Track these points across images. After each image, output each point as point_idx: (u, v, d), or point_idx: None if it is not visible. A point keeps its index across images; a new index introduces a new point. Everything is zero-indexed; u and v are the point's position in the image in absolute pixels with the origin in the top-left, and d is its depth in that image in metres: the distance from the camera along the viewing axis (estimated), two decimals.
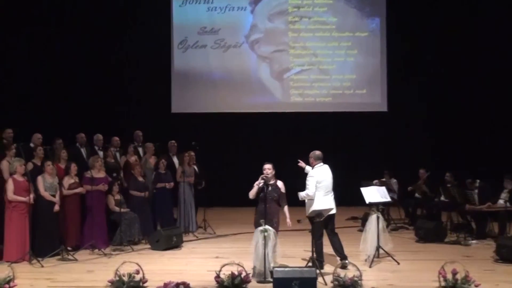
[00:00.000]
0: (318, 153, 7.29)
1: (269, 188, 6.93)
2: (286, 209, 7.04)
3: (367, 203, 8.03)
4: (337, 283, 6.11)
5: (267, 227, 6.65)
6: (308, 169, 7.32)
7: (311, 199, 7.08)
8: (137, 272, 6.07)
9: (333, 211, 7.25)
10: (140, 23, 13.43)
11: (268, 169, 6.99)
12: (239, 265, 6.23)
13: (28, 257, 7.63)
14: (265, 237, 6.58)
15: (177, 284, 6.07)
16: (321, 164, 7.26)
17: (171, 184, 9.77)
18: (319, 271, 6.58)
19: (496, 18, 12.72)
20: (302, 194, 7.10)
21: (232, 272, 6.18)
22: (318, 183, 7.08)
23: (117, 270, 6.08)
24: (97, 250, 8.31)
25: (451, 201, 9.74)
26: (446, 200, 9.95)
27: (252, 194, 6.97)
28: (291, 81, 13.90)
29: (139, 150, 10.32)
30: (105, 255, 8.17)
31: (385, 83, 13.73)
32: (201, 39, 13.80)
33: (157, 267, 7.35)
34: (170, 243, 8.62)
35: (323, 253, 7.20)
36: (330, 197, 7.21)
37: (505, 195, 9.15)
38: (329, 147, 8.83)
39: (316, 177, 7.09)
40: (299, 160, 7.46)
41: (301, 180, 7.26)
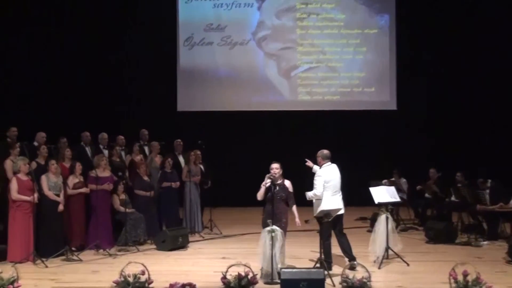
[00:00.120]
0: (326, 152, 7.27)
1: (277, 187, 6.89)
2: (294, 208, 7.00)
3: (376, 203, 7.96)
4: (345, 284, 6.06)
5: (275, 227, 6.62)
6: (315, 168, 7.31)
7: (319, 199, 7.06)
8: (143, 272, 6.03)
9: (342, 211, 7.22)
10: (145, 20, 13.40)
11: (275, 168, 6.95)
12: (246, 266, 6.18)
13: (32, 257, 7.61)
14: (272, 237, 6.55)
15: (183, 285, 6.05)
16: (329, 163, 7.24)
17: (177, 183, 9.73)
18: (327, 272, 6.54)
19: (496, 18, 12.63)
20: (309, 194, 7.08)
21: (239, 273, 6.14)
22: (326, 182, 7.06)
23: (122, 270, 6.05)
24: (102, 250, 8.29)
25: (462, 201, 9.69)
26: (456, 200, 9.88)
27: (260, 195, 6.94)
28: (298, 79, 13.83)
29: (145, 149, 10.29)
30: (110, 255, 8.15)
31: (394, 81, 13.67)
32: (207, 36, 13.74)
33: (163, 267, 7.33)
34: (176, 243, 8.59)
35: (331, 254, 7.19)
36: (338, 197, 7.19)
37: None
38: (337, 146, 8.81)
39: (324, 177, 7.08)
40: (306, 159, 7.45)
41: (309, 179, 7.21)
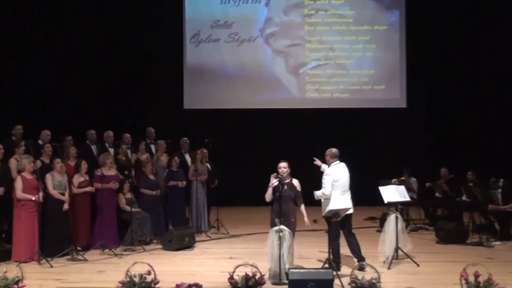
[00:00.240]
0: (334, 150, 7.24)
1: (285, 187, 6.84)
2: (303, 208, 6.94)
3: (386, 202, 7.91)
4: (354, 285, 6.00)
5: (282, 227, 6.57)
6: (324, 167, 7.30)
7: (328, 199, 7.01)
8: (149, 273, 5.99)
9: (350, 211, 7.17)
10: (151, 17, 13.31)
11: (283, 167, 6.88)
12: (253, 266, 6.13)
13: (37, 257, 7.57)
14: (280, 237, 6.50)
15: (190, 285, 6.01)
16: (338, 162, 7.21)
17: (184, 182, 9.68)
18: (335, 273, 6.47)
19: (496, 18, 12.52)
20: (318, 193, 7.04)
21: (246, 273, 6.08)
22: (334, 181, 7.02)
23: (128, 270, 6.01)
24: (107, 250, 8.25)
25: (473, 200, 9.62)
26: (468, 199, 9.81)
27: (268, 197, 6.88)
28: (307, 76, 13.73)
29: (151, 147, 10.24)
30: (116, 255, 8.11)
31: (404, 78, 13.55)
32: (214, 32, 13.65)
33: (169, 267, 7.31)
34: (182, 243, 8.55)
35: (340, 254, 7.15)
36: (347, 196, 7.14)
37: None
38: (346, 145, 8.77)
39: (332, 176, 7.04)
40: (315, 158, 7.43)
41: (317, 178, 7.15)
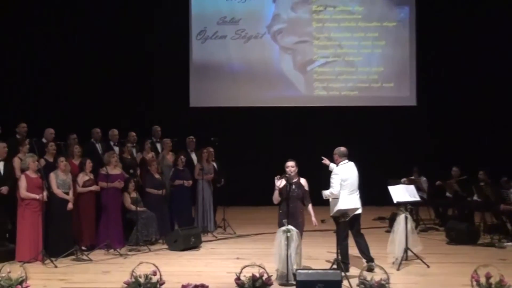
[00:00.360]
0: (343, 149, 7.18)
1: (293, 186, 6.78)
2: (310, 207, 6.89)
3: (395, 202, 7.83)
4: (363, 286, 5.93)
5: (290, 227, 6.52)
6: (332, 166, 7.26)
7: (336, 198, 6.97)
8: (154, 273, 5.93)
9: (359, 211, 7.13)
10: (157, 13, 13.27)
11: (291, 166, 6.82)
12: (260, 266, 6.07)
13: (41, 257, 7.53)
14: (287, 237, 6.45)
15: (196, 286, 5.97)
16: (346, 161, 7.16)
17: (190, 182, 9.63)
18: (344, 274, 6.40)
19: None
20: (326, 192, 7.00)
21: (253, 274, 6.02)
22: (343, 181, 6.98)
23: (133, 271, 5.96)
24: (112, 250, 8.21)
25: (484, 200, 9.54)
26: (479, 199, 9.74)
27: (275, 199, 6.83)
28: (315, 73, 13.65)
29: (157, 146, 10.18)
30: (121, 255, 8.08)
31: (414, 76, 13.47)
32: (220, 29, 13.59)
33: (175, 268, 7.29)
34: (188, 243, 8.51)
35: (348, 255, 7.09)
36: (355, 196, 7.10)
37: None
38: (355, 143, 8.77)
39: (341, 175, 7.00)
40: (323, 157, 7.37)
41: (325, 178, 7.10)
